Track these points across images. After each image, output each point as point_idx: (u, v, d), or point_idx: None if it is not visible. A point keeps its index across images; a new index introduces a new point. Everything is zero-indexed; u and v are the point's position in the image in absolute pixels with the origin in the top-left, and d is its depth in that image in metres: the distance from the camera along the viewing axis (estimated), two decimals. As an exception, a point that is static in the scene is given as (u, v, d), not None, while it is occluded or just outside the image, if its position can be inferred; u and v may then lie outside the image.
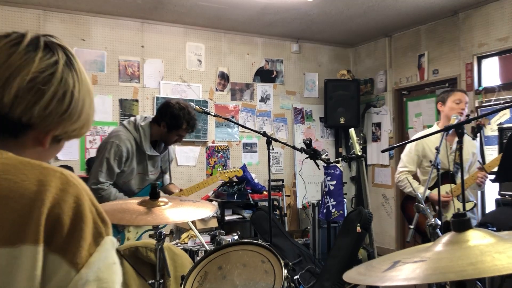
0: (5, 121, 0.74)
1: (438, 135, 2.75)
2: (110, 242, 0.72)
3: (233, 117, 5.54)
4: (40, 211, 0.66)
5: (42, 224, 0.66)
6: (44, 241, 0.66)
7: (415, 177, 3.35)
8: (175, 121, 2.69)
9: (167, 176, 3.13)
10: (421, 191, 3.07)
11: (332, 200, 3.88)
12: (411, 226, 2.20)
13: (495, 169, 2.97)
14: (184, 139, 3.57)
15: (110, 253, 0.71)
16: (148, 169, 2.82)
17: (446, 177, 3.01)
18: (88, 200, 0.72)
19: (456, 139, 2.63)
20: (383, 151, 2.97)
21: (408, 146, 3.32)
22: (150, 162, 2.81)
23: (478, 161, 3.03)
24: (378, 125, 6.01)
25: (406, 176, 3.26)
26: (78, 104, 0.80)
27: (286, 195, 5.63)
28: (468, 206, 2.97)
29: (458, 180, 2.99)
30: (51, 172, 0.71)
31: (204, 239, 4.10)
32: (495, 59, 4.61)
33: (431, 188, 3.03)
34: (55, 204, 0.67)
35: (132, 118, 2.78)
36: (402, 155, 3.35)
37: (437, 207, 2.88)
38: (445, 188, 3.00)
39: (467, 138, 3.18)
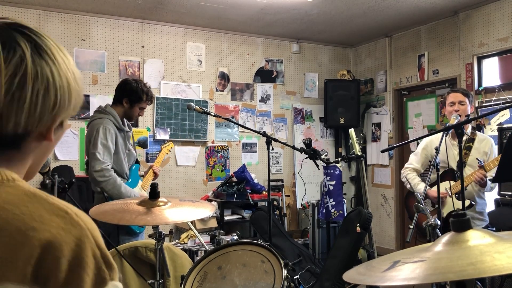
0: (2, 141, 0.69)
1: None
2: None
3: (233, 117, 5.54)
4: (33, 250, 0.60)
5: (32, 263, 0.60)
6: (34, 282, 0.60)
7: (423, 176, 3.42)
8: (136, 95, 2.89)
9: None
10: (420, 187, 3.10)
11: (331, 200, 3.89)
12: (411, 226, 2.20)
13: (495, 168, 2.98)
14: (184, 139, 3.60)
15: None
16: (128, 145, 3.01)
17: (448, 174, 3.08)
18: (92, 242, 0.66)
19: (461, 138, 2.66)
20: (382, 151, 2.99)
21: (418, 147, 3.43)
22: (126, 138, 3.00)
23: (477, 159, 3.02)
24: (378, 125, 6.01)
25: (408, 173, 3.34)
26: (65, 88, 0.72)
27: (285, 195, 5.63)
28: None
29: (458, 178, 3.05)
30: (55, 210, 0.65)
31: (204, 239, 4.10)
32: (495, 59, 4.61)
33: (432, 186, 3.06)
34: (55, 245, 0.62)
35: (95, 110, 2.96)
36: (411, 154, 3.45)
37: (436, 205, 2.89)
38: (445, 185, 3.04)
39: (480, 137, 3.20)
